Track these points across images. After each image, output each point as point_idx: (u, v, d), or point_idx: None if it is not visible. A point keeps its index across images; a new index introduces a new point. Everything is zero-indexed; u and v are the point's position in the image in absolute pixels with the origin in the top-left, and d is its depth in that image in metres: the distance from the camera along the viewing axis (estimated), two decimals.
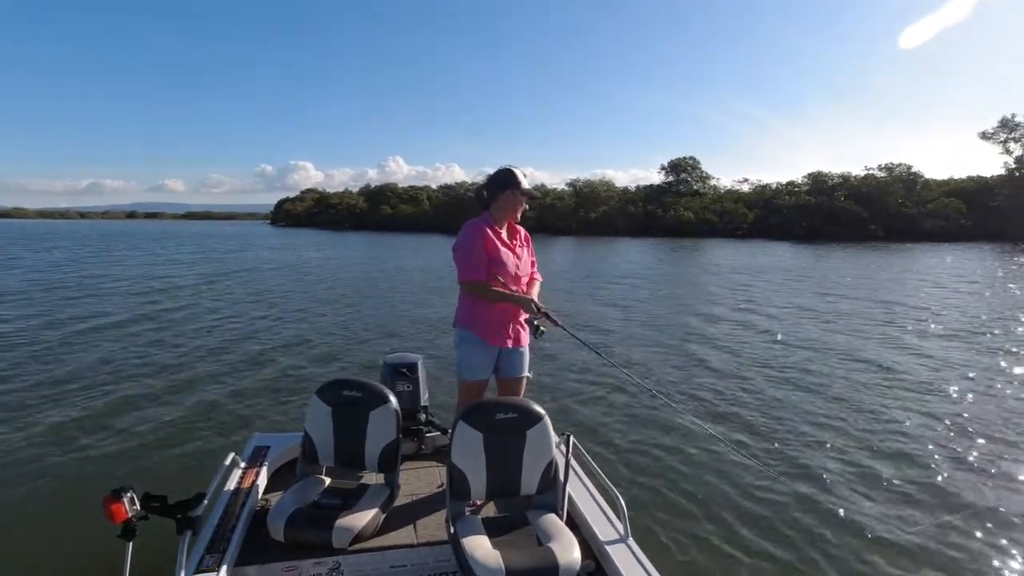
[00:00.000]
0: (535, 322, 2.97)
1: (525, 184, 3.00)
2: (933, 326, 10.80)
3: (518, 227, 3.19)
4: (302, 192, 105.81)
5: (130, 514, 1.97)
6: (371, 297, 14.65)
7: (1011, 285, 17.47)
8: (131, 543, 1.96)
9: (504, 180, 3.00)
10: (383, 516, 2.60)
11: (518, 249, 3.11)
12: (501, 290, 2.95)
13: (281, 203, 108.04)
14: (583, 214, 61.94)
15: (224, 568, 2.18)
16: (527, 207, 3.10)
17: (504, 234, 3.06)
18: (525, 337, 3.12)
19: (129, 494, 1.99)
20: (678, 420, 5.66)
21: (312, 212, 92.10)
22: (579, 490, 2.77)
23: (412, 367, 3.45)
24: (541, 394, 6.37)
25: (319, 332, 10.05)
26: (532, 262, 3.23)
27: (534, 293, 3.10)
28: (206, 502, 2.25)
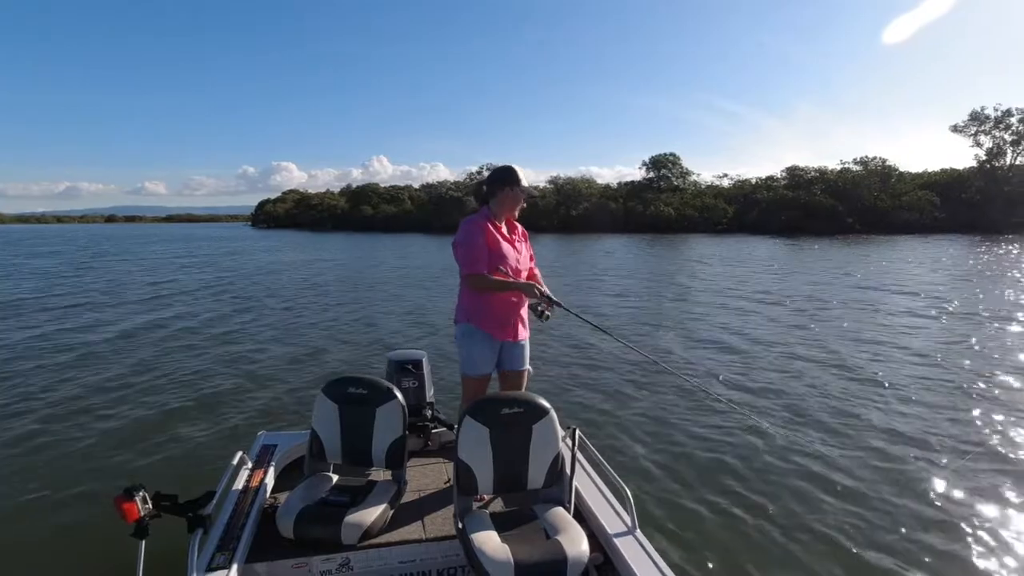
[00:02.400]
0: (539, 307, 3.00)
1: (525, 182, 3.07)
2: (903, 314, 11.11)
3: (516, 223, 3.24)
4: (283, 193, 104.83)
5: (142, 513, 1.99)
6: (368, 296, 14.61)
7: (981, 274, 17.93)
8: (143, 541, 1.96)
9: (505, 177, 3.06)
10: (391, 512, 2.62)
11: (517, 244, 3.17)
12: (503, 279, 2.98)
13: (262, 204, 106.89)
14: (564, 211, 62.14)
15: (235, 566, 2.19)
16: (524, 205, 3.15)
17: (504, 229, 3.12)
18: (526, 331, 3.17)
19: (141, 493, 2.00)
20: (683, 411, 5.73)
21: (293, 213, 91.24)
22: (586, 483, 2.78)
23: (417, 363, 3.47)
24: (545, 388, 6.44)
25: (322, 331, 10.05)
26: (530, 256, 3.28)
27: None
28: (215, 501, 2.26)
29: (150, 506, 2.03)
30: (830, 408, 5.83)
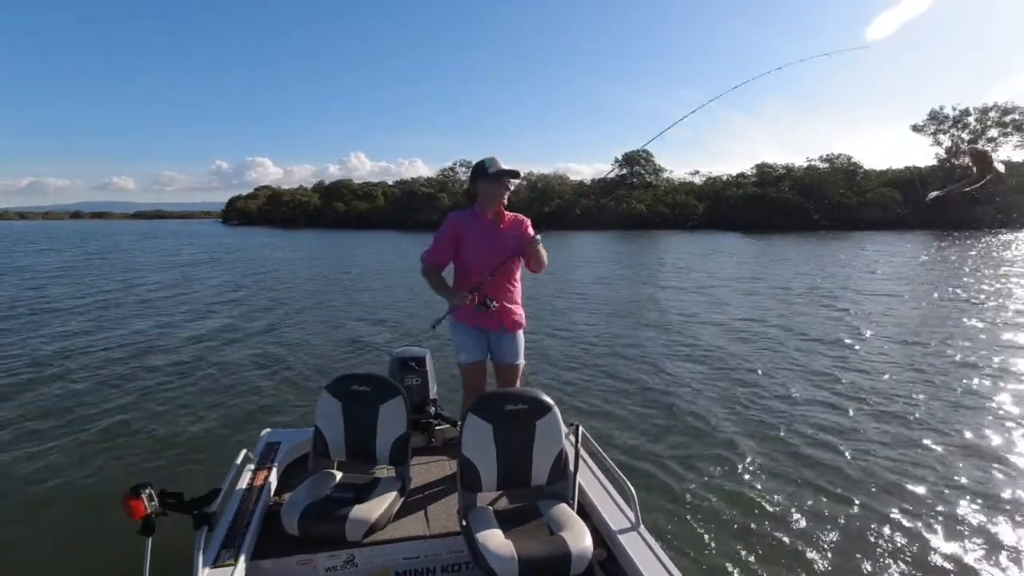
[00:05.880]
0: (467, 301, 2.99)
1: (494, 168, 3.03)
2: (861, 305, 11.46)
3: (509, 213, 3.19)
4: (255, 189, 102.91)
5: (149, 510, 1.99)
6: (364, 294, 14.48)
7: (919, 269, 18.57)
8: (150, 539, 1.97)
9: (475, 172, 3.11)
10: (395, 509, 2.63)
11: (501, 235, 3.11)
12: (437, 282, 3.09)
13: (233, 201, 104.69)
14: (537, 207, 62.35)
15: (241, 562, 2.19)
16: (510, 187, 3.09)
17: (490, 222, 3.12)
18: (514, 324, 3.17)
19: (147, 491, 2.01)
20: (686, 407, 5.81)
21: (265, 210, 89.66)
22: (589, 479, 2.80)
23: (420, 361, 3.49)
24: (548, 384, 6.52)
25: (324, 329, 10.00)
26: (529, 239, 3.12)
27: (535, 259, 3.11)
28: (220, 498, 2.26)
29: (156, 504, 2.03)
30: (829, 403, 5.92)
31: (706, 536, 3.58)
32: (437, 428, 3.49)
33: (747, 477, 4.35)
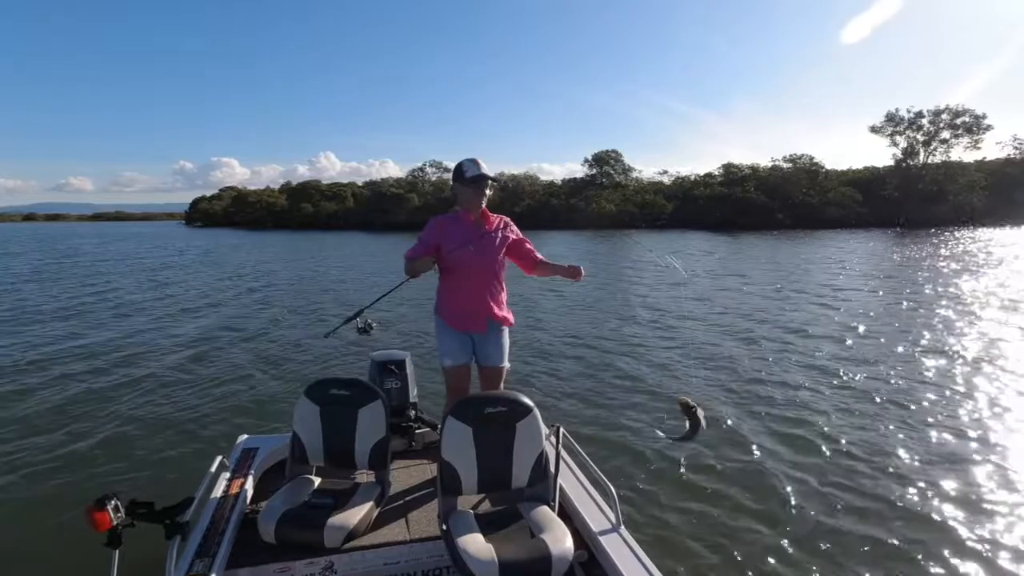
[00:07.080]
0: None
1: (471, 172, 3.01)
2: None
3: (493, 216, 3.19)
4: (220, 190, 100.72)
5: (115, 522, 1.94)
6: (342, 297, 14.27)
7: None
8: (117, 551, 1.93)
9: (454, 175, 3.10)
10: (375, 514, 2.60)
11: (486, 235, 3.11)
12: (418, 263, 3.00)
13: (196, 202, 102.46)
14: (508, 207, 62.45)
15: (215, 572, 2.14)
16: (487, 191, 3.08)
17: (473, 224, 3.10)
18: (498, 324, 3.15)
19: (113, 502, 1.95)
20: (667, 406, 5.75)
21: (230, 211, 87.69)
22: (570, 481, 2.80)
23: (400, 364, 3.45)
24: (528, 385, 6.53)
25: (302, 333, 9.84)
26: (524, 244, 3.23)
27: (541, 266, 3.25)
28: (194, 507, 2.20)
29: (123, 514, 1.98)
30: (814, 402, 5.97)
31: (687, 536, 3.59)
32: (417, 432, 3.45)
33: (728, 477, 4.37)
